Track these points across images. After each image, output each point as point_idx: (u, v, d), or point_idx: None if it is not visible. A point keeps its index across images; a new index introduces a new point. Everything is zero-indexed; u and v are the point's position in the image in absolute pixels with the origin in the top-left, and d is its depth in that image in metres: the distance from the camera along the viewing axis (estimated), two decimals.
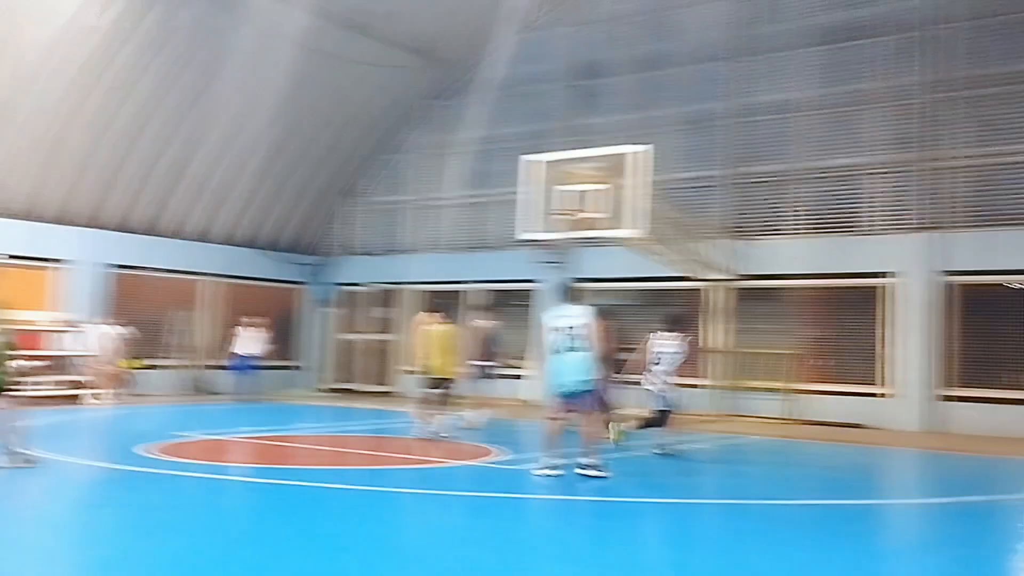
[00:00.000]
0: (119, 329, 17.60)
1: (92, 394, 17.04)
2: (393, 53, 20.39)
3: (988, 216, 15.99)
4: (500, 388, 18.14)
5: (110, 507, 7.55)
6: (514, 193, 16.30)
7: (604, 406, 10.95)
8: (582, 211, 14.28)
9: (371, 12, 19.35)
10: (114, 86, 17.89)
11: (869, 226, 17.02)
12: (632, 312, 17.60)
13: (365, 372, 22.25)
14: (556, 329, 9.10)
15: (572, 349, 8.98)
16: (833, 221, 17.38)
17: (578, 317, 9.12)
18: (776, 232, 17.86)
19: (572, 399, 9.08)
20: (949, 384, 15.91)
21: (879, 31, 17.24)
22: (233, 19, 17.96)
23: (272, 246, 22.69)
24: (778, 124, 18.16)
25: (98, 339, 17.35)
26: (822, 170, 17.61)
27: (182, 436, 12.29)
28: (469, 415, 13.38)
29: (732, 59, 18.64)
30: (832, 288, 17.34)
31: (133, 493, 8.14)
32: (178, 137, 19.46)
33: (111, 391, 17.40)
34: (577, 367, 8.96)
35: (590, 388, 9.05)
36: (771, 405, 16.81)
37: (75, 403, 16.86)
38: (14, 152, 17.51)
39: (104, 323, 17.67)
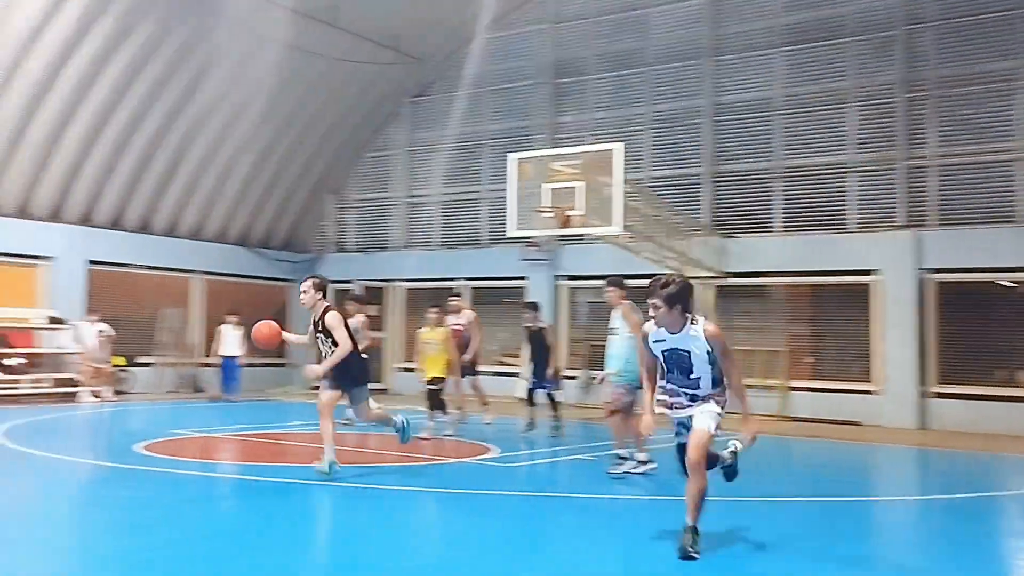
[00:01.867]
0: (105, 327, 17.71)
1: (87, 391, 17.15)
2: (373, 50, 20.57)
3: (969, 214, 16.29)
4: (493, 385, 18.44)
5: (112, 505, 7.69)
6: (499, 190, 16.49)
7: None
8: (566, 208, 14.48)
9: (352, 10, 19.51)
10: (107, 90, 17.98)
11: (854, 224, 17.29)
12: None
13: None
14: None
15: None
16: (818, 219, 17.64)
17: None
18: (761, 230, 18.11)
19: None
20: (939, 381, 16.18)
21: (857, 30, 17.52)
22: (219, 21, 18.05)
23: (263, 244, 22.85)
24: (758, 122, 18.43)
25: (89, 337, 17.47)
26: (805, 168, 17.87)
27: (178, 434, 12.42)
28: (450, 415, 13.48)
29: (709, 57, 18.89)
30: (819, 286, 17.62)
31: (134, 491, 8.28)
32: (169, 139, 19.63)
33: (104, 389, 17.52)
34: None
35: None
36: (764, 402, 17.06)
37: (70, 401, 16.96)
38: (7, 154, 17.59)
39: (93, 321, 17.77)
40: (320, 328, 8.98)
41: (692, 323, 6.12)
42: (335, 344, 8.85)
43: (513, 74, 21.38)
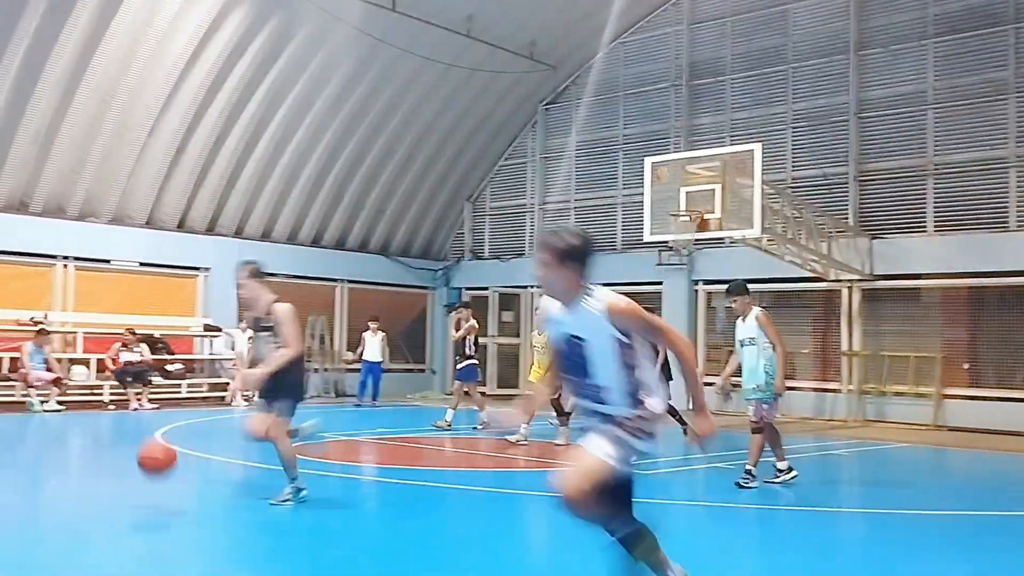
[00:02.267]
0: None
1: (239, 395, 17.98)
2: (508, 59, 20.72)
3: None
4: None
5: (263, 503, 8.00)
6: (634, 195, 16.33)
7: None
8: (703, 211, 14.19)
9: (487, 20, 19.71)
10: (257, 107, 18.88)
11: (1015, 222, 16.22)
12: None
13: (495, 375, 22.63)
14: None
15: None
16: (975, 217, 16.64)
17: None
18: (912, 230, 17.24)
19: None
20: None
21: (1017, 17, 16.45)
22: (356, 37, 18.59)
23: (403, 252, 23.44)
24: (908, 118, 17.55)
25: (241, 343, 18.32)
26: (960, 164, 16.90)
27: (323, 436, 12.81)
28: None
29: (854, 51, 18.13)
30: (978, 288, 16.61)
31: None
32: (314, 155, 20.43)
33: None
34: None
35: None
36: (915, 410, 16.24)
37: (223, 405, 17.83)
38: (168, 172, 18.74)
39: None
40: (266, 325, 7.52)
41: (586, 296, 4.32)
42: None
43: (648, 77, 21.16)
